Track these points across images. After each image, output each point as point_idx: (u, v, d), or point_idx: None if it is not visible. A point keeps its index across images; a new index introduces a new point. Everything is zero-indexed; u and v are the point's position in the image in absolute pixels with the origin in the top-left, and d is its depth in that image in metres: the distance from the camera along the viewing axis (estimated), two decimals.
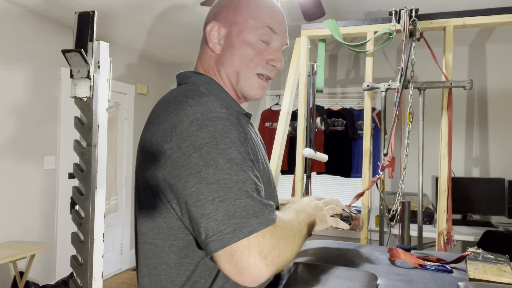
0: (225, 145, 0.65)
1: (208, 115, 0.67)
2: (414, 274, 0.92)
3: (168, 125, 0.68)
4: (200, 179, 0.63)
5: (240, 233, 0.60)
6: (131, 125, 4.08)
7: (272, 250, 0.62)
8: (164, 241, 0.73)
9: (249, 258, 0.60)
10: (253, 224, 0.61)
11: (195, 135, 0.65)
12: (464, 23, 1.92)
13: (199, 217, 0.63)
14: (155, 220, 0.73)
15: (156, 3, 2.69)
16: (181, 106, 0.70)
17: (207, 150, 0.64)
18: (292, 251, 0.67)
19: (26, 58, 2.90)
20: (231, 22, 0.82)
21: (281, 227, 0.66)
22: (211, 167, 0.63)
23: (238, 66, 0.82)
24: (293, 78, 2.22)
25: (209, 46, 0.84)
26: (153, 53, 4.15)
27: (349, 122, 3.66)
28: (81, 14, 0.65)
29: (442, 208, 1.92)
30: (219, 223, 0.61)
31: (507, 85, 3.39)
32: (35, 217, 2.98)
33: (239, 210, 0.62)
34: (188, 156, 0.65)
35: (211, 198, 0.62)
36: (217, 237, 0.61)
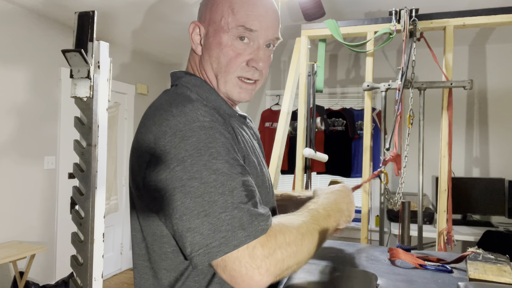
0: (209, 156, 0.63)
1: (190, 125, 0.65)
2: (414, 274, 0.92)
3: (152, 136, 0.68)
4: (185, 193, 0.62)
5: (226, 247, 0.60)
6: (131, 125, 4.08)
7: (267, 260, 0.61)
8: (160, 248, 0.73)
9: (241, 269, 0.60)
10: (240, 237, 0.60)
11: (178, 147, 0.64)
12: (464, 23, 1.92)
13: (185, 231, 0.62)
14: (150, 226, 0.73)
15: (156, 3, 2.69)
16: (164, 116, 0.68)
17: (191, 163, 0.63)
18: (298, 257, 0.65)
19: (26, 58, 2.90)
20: (208, 21, 0.79)
21: (278, 236, 0.63)
22: (195, 180, 0.62)
23: (216, 69, 0.78)
24: (293, 78, 2.22)
25: (192, 47, 0.83)
26: (153, 53, 4.15)
27: (349, 122, 3.66)
28: (81, 14, 0.65)
29: (442, 208, 1.92)
30: (205, 238, 0.60)
31: (507, 85, 3.39)
32: (35, 217, 2.98)
33: (225, 224, 0.60)
34: (172, 169, 0.63)
35: (196, 213, 0.61)
36: (203, 251, 0.61)
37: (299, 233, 0.66)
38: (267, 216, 0.65)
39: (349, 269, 0.88)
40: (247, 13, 0.75)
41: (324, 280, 0.80)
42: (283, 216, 0.72)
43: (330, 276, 0.82)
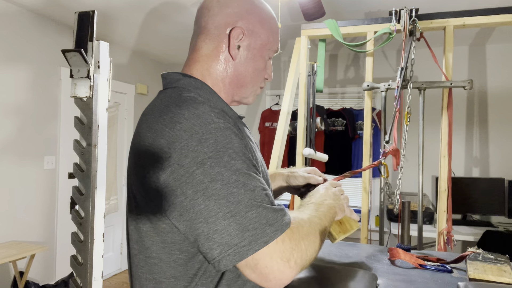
0: (228, 157, 0.64)
1: (207, 127, 0.65)
2: (414, 274, 0.92)
3: (165, 141, 0.66)
4: (208, 196, 0.62)
5: (256, 245, 0.61)
6: (131, 125, 4.08)
7: (294, 253, 0.63)
8: (169, 255, 0.71)
9: (272, 264, 0.61)
10: (268, 234, 0.62)
11: (196, 150, 0.63)
12: (464, 23, 1.92)
13: (212, 233, 0.62)
14: (159, 234, 0.71)
15: (156, 3, 2.69)
16: (175, 119, 0.67)
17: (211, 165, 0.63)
18: (315, 247, 0.68)
19: (26, 58, 2.90)
20: (254, 33, 0.81)
21: (299, 228, 0.67)
22: (217, 182, 0.62)
23: (250, 78, 0.83)
24: (293, 78, 2.22)
25: (230, 51, 0.80)
26: (153, 53, 4.15)
27: (349, 122, 3.66)
28: (81, 14, 0.65)
29: (442, 208, 1.92)
30: (233, 238, 0.61)
31: (507, 85, 3.39)
32: (35, 217, 2.98)
33: (252, 222, 0.62)
34: (192, 173, 0.63)
35: (222, 214, 0.62)
36: (233, 251, 0.61)
37: (311, 224, 0.70)
38: (286, 211, 0.67)
39: (349, 269, 0.88)
40: (278, 38, 0.88)
41: (324, 280, 0.80)
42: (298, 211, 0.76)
43: (330, 276, 0.82)
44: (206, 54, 0.81)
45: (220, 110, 0.73)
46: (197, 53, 0.82)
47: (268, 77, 0.88)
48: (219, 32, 0.80)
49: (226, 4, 0.80)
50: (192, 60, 0.83)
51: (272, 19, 0.85)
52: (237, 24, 0.80)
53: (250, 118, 4.17)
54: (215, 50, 0.80)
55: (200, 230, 0.63)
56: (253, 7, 0.82)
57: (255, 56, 0.82)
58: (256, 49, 0.82)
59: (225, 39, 0.80)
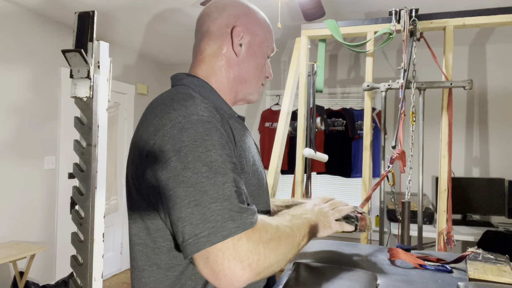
0: (204, 148, 0.65)
1: (189, 118, 0.68)
2: (414, 274, 0.92)
3: (153, 128, 0.70)
4: (178, 182, 0.63)
5: (214, 237, 0.60)
6: (131, 125, 4.08)
7: (250, 255, 0.61)
8: (153, 242, 0.73)
9: (223, 261, 0.60)
10: (229, 228, 0.61)
11: (176, 138, 0.66)
12: (464, 23, 1.92)
13: (176, 220, 0.63)
14: (144, 221, 0.74)
15: (156, 3, 2.69)
16: (166, 110, 0.71)
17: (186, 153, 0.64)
18: (277, 256, 0.66)
19: (26, 58, 2.90)
20: (252, 32, 0.87)
21: (263, 231, 0.65)
22: (188, 170, 0.63)
23: (253, 74, 0.88)
24: (293, 78, 2.22)
25: (234, 48, 0.85)
26: (153, 53, 4.15)
27: (349, 122, 3.66)
28: (81, 14, 0.65)
29: (442, 208, 1.92)
30: (194, 227, 0.61)
31: (507, 85, 3.39)
32: (35, 217, 2.98)
33: (215, 214, 0.61)
34: (168, 159, 0.65)
35: (187, 202, 0.62)
36: (192, 241, 0.61)
37: (277, 232, 0.68)
38: (255, 211, 0.67)
39: (349, 269, 0.88)
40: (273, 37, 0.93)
41: (324, 280, 0.80)
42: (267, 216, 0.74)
43: (330, 276, 0.82)
44: (210, 54, 0.85)
45: (213, 106, 0.76)
46: (202, 54, 0.86)
47: (268, 75, 0.93)
48: (221, 33, 0.85)
49: (224, 8, 0.86)
50: (197, 62, 0.87)
51: (266, 20, 0.91)
52: (237, 24, 0.85)
53: (250, 118, 4.17)
54: (219, 49, 0.85)
55: (170, 216, 0.65)
56: (248, 9, 0.88)
57: (256, 52, 0.87)
58: (256, 46, 0.87)
59: (228, 38, 0.85)
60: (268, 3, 2.63)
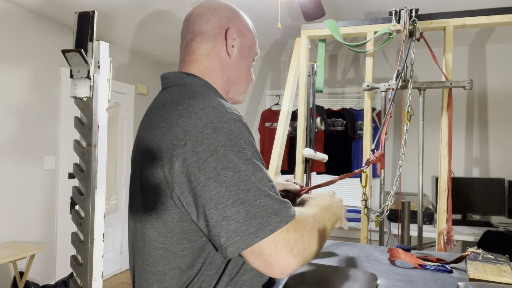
0: (240, 146, 0.67)
1: (222, 117, 0.68)
2: (414, 274, 0.92)
3: (180, 129, 0.69)
4: (220, 182, 0.64)
5: (262, 232, 0.63)
6: (131, 125, 4.08)
7: (298, 243, 0.66)
8: (176, 245, 0.72)
9: (277, 252, 0.64)
10: (274, 223, 0.64)
11: (211, 138, 0.66)
12: (464, 23, 1.92)
13: (220, 219, 0.64)
14: (166, 224, 0.72)
15: (155, 3, 2.69)
16: (191, 110, 0.70)
17: (224, 153, 0.65)
18: (316, 243, 0.70)
19: (26, 58, 2.90)
20: (243, 34, 0.89)
21: (304, 222, 0.69)
22: (229, 169, 0.65)
23: (243, 75, 0.90)
24: (293, 78, 2.22)
25: (227, 48, 0.86)
26: (153, 53, 4.15)
27: (349, 122, 3.66)
28: (81, 14, 0.65)
29: (442, 208, 1.92)
30: (241, 225, 0.63)
31: (507, 85, 3.39)
32: (35, 217, 2.98)
33: (259, 210, 0.64)
34: (205, 159, 0.65)
35: (232, 201, 0.64)
36: (240, 238, 0.63)
37: (315, 221, 0.73)
38: (291, 204, 0.69)
39: (349, 269, 0.88)
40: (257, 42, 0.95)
41: (324, 280, 0.80)
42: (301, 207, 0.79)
43: (330, 276, 0.82)
44: (204, 53, 0.85)
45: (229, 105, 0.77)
46: (195, 54, 0.86)
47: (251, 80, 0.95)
48: (214, 33, 0.85)
49: (217, 9, 0.87)
50: (190, 61, 0.86)
51: (252, 26, 0.94)
52: (230, 25, 0.86)
53: (250, 118, 4.17)
54: (213, 49, 0.85)
55: (210, 217, 0.65)
56: (238, 13, 0.90)
57: (246, 54, 0.90)
58: (246, 48, 0.89)
59: (221, 38, 0.86)
60: (268, 3, 2.63)
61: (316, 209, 0.79)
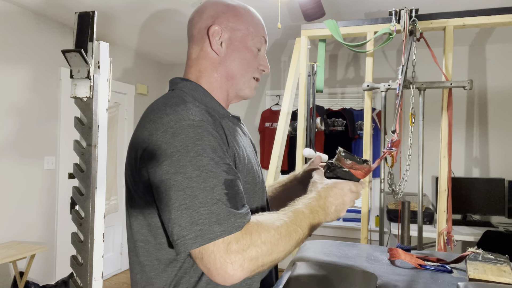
0: (195, 152, 0.68)
1: (181, 123, 0.70)
2: (414, 274, 0.92)
3: (147, 133, 0.73)
4: (169, 185, 0.67)
5: (201, 240, 0.64)
6: (131, 125, 4.08)
7: (239, 256, 0.64)
8: (155, 238, 0.76)
9: (216, 262, 0.64)
10: (215, 232, 0.64)
11: (168, 143, 0.69)
12: (464, 23, 1.93)
13: (167, 221, 0.68)
14: (146, 218, 0.77)
15: (155, 3, 2.69)
16: (159, 115, 0.74)
17: (178, 158, 0.67)
18: (271, 255, 0.68)
19: (26, 58, 2.90)
20: (232, 28, 0.87)
21: (254, 234, 0.67)
22: (179, 174, 0.66)
23: (238, 69, 0.88)
24: (293, 78, 2.23)
25: (213, 48, 0.87)
26: (153, 53, 4.15)
27: (349, 122, 3.66)
28: (81, 14, 0.65)
29: (442, 208, 1.92)
30: (183, 229, 0.65)
31: (507, 85, 3.39)
32: (35, 217, 2.98)
33: (202, 218, 0.64)
34: (161, 163, 0.68)
35: (177, 205, 0.66)
36: (180, 242, 0.65)
37: (277, 233, 0.69)
38: (245, 214, 0.68)
39: (349, 269, 0.88)
40: (263, 27, 0.92)
41: (324, 280, 0.80)
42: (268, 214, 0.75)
43: (330, 276, 0.82)
44: (195, 57, 0.89)
45: (205, 108, 0.78)
46: (189, 59, 0.91)
47: (264, 68, 0.92)
48: (201, 35, 0.88)
49: (203, 11, 0.89)
50: (187, 67, 0.91)
51: (249, 13, 0.90)
52: (214, 23, 0.87)
53: (250, 118, 4.17)
54: (201, 51, 0.88)
55: (162, 217, 0.70)
56: (227, 7, 0.89)
57: (239, 47, 0.88)
58: (238, 41, 0.87)
59: (206, 39, 0.87)
60: (268, 3, 2.63)
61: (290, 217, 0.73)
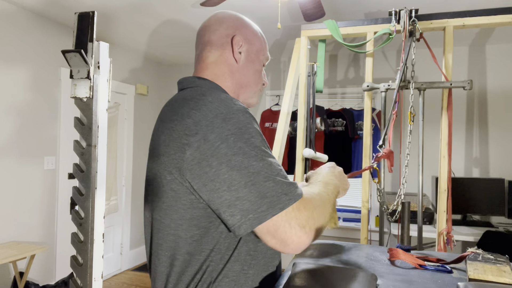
0: (248, 135, 0.73)
1: (231, 109, 0.75)
2: (414, 274, 0.92)
3: (191, 120, 0.75)
4: (231, 166, 0.70)
5: (273, 210, 0.69)
6: (131, 125, 4.08)
7: (308, 220, 0.72)
8: (186, 231, 0.78)
9: (291, 230, 0.70)
10: (284, 201, 0.70)
11: (221, 127, 0.72)
12: (464, 23, 1.93)
13: (234, 200, 0.70)
14: (177, 211, 0.78)
15: (156, 3, 2.69)
16: (201, 103, 0.77)
17: (234, 140, 0.72)
18: (324, 218, 0.77)
19: (26, 58, 2.90)
20: (250, 41, 0.95)
21: (311, 200, 0.76)
22: (239, 155, 0.71)
23: (252, 79, 0.96)
24: (293, 78, 2.22)
25: (234, 55, 0.93)
26: (153, 53, 4.15)
27: (349, 122, 3.66)
28: (81, 14, 0.65)
29: (442, 208, 1.92)
30: (253, 204, 0.70)
31: (507, 85, 3.39)
32: (35, 217, 2.98)
33: (269, 191, 0.70)
34: (217, 147, 0.71)
35: (244, 183, 0.70)
36: (253, 216, 0.70)
37: (321, 198, 0.80)
38: (298, 186, 0.76)
39: (349, 269, 0.88)
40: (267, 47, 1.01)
41: (324, 280, 0.80)
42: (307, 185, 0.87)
43: (330, 276, 0.82)
44: (213, 61, 0.93)
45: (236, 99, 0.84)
46: (204, 62, 0.94)
47: (264, 82, 1.01)
48: (221, 42, 0.93)
49: (223, 20, 0.95)
50: (200, 69, 0.94)
51: (260, 32, 1.00)
52: (236, 33, 0.93)
53: None
54: (221, 56, 0.93)
55: (223, 198, 0.71)
56: (244, 22, 0.97)
57: (254, 60, 0.96)
58: (254, 53, 0.96)
59: (228, 46, 0.93)
60: (268, 3, 2.63)
61: (320, 186, 0.85)
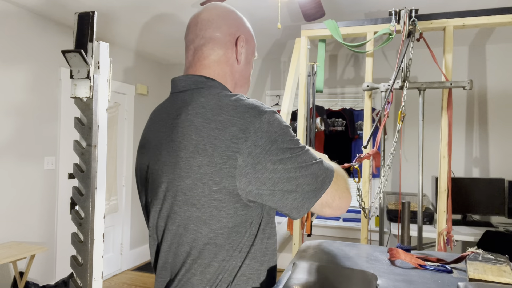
0: (290, 133, 0.82)
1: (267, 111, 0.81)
2: (414, 274, 0.92)
3: (236, 128, 0.78)
4: (285, 161, 0.79)
5: (325, 185, 0.83)
6: (131, 125, 4.08)
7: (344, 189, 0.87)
8: (226, 239, 0.81)
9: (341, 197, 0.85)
10: (330, 176, 0.84)
11: (268, 131, 0.78)
12: (463, 23, 1.93)
13: (294, 187, 0.80)
14: (220, 221, 0.80)
15: (155, 3, 2.69)
16: (240, 110, 0.80)
17: (282, 141, 0.79)
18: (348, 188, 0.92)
19: (26, 58, 2.90)
20: (248, 41, 0.96)
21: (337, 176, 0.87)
22: (287, 152, 0.80)
23: (247, 80, 0.99)
24: (293, 78, 2.22)
25: (236, 55, 0.93)
26: (153, 53, 4.15)
27: (349, 122, 3.66)
28: (81, 15, 0.65)
29: (442, 208, 1.92)
30: (311, 185, 0.81)
31: (507, 85, 3.39)
32: (35, 217, 2.98)
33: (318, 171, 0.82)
34: (268, 149, 0.78)
35: (299, 172, 0.80)
36: (312, 193, 0.81)
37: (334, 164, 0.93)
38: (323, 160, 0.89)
39: (349, 269, 0.88)
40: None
41: (324, 280, 0.80)
42: None
43: (330, 276, 0.82)
44: (215, 60, 0.91)
45: None
46: (206, 60, 0.90)
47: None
48: (225, 41, 0.91)
49: (226, 17, 0.92)
50: (201, 67, 0.90)
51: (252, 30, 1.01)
52: (239, 33, 0.93)
53: None
54: (224, 56, 0.91)
55: (285, 189, 0.80)
56: (243, 19, 0.96)
57: (250, 60, 0.97)
58: (250, 54, 0.97)
59: (232, 46, 0.92)
60: (268, 3, 2.63)
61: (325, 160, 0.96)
